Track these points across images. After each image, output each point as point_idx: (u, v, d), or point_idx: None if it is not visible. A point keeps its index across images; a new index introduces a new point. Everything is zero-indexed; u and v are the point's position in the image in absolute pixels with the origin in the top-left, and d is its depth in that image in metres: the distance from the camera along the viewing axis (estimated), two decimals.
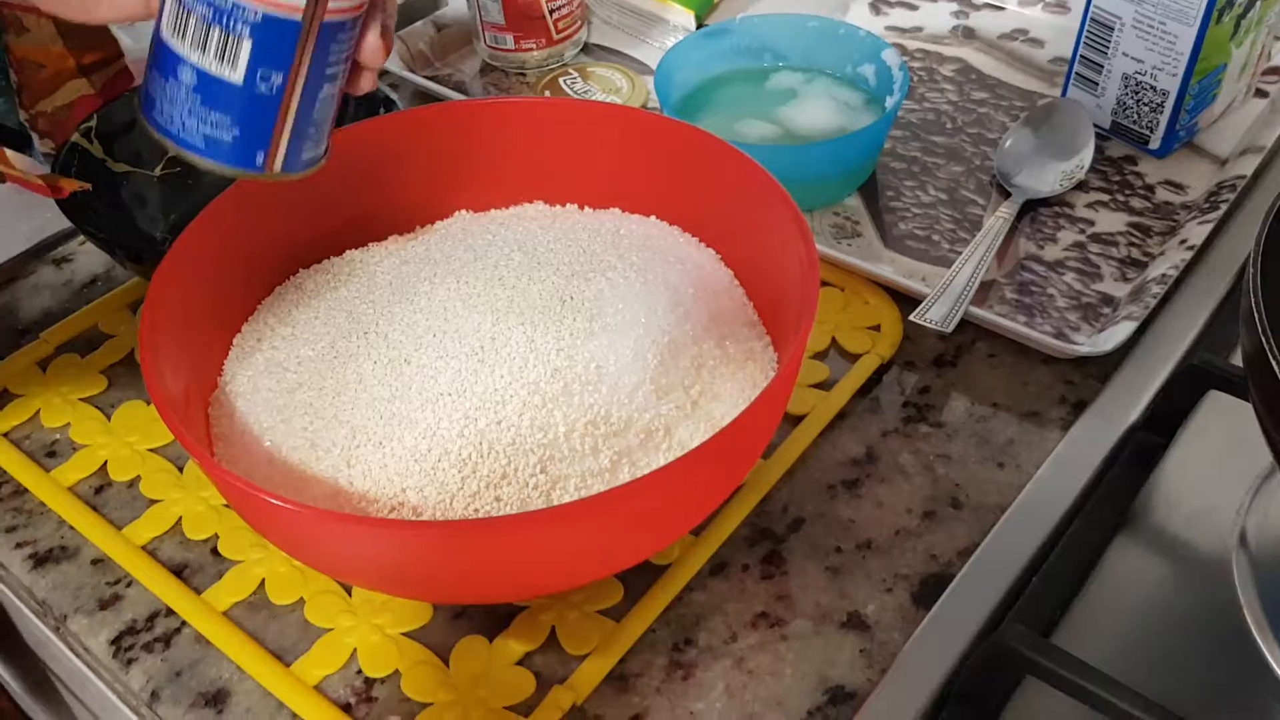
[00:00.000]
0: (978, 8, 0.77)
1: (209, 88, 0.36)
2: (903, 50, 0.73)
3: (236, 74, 0.36)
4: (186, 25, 0.35)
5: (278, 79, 0.36)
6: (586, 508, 0.37)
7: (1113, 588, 0.45)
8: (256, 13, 0.34)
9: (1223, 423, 0.50)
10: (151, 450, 0.52)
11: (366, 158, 0.53)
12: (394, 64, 0.72)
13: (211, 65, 0.36)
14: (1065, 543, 0.46)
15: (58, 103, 0.60)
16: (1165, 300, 0.55)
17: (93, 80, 0.61)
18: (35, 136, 0.59)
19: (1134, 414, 0.51)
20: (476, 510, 0.41)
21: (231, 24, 0.35)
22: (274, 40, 0.35)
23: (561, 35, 0.73)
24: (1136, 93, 0.63)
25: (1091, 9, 0.63)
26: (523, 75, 0.74)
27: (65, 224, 0.57)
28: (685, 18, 0.76)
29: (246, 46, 0.35)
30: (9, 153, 0.49)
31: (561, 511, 0.38)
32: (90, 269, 0.62)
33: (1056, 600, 0.44)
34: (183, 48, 0.36)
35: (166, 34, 0.36)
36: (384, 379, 0.45)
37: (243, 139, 0.38)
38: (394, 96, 0.60)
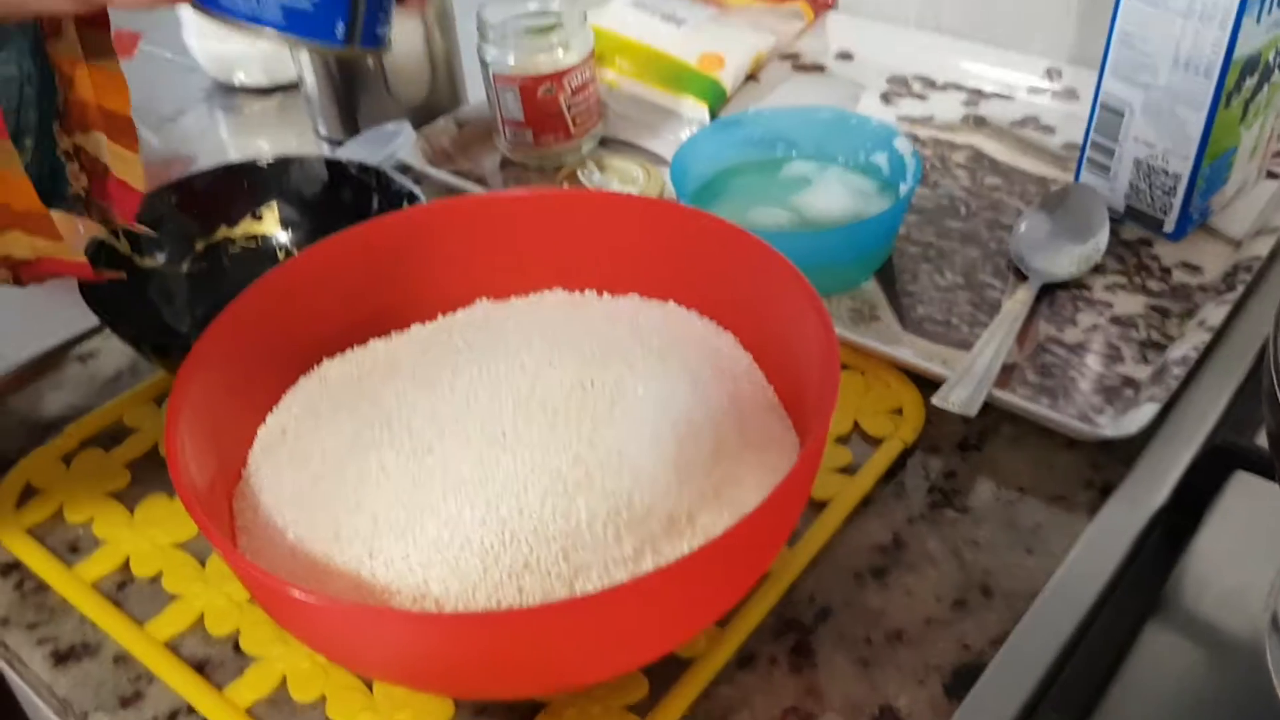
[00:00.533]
0: (987, 96, 0.79)
1: None
2: (914, 139, 0.74)
3: None
4: None
5: None
6: (611, 598, 0.37)
7: (1146, 673, 0.44)
8: None
9: (1250, 503, 0.49)
10: (175, 545, 0.52)
11: (391, 249, 0.54)
12: (417, 160, 0.74)
13: None
14: (1097, 629, 0.45)
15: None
16: (1187, 381, 0.55)
17: None
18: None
19: (1161, 496, 0.50)
20: (499, 600, 0.41)
21: None
22: None
23: (579, 130, 0.75)
24: (1149, 177, 0.64)
25: (1101, 95, 0.64)
26: (542, 169, 0.75)
27: (90, 320, 0.58)
28: (699, 110, 0.77)
29: None
30: (55, 215, 0.48)
31: (585, 602, 0.37)
32: (115, 364, 0.63)
33: (1090, 687, 0.43)
34: None
35: None
36: (406, 468, 0.45)
37: (324, 6, 0.37)
38: (417, 191, 0.62)
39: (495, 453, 0.44)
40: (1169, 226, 0.65)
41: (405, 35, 0.75)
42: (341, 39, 0.37)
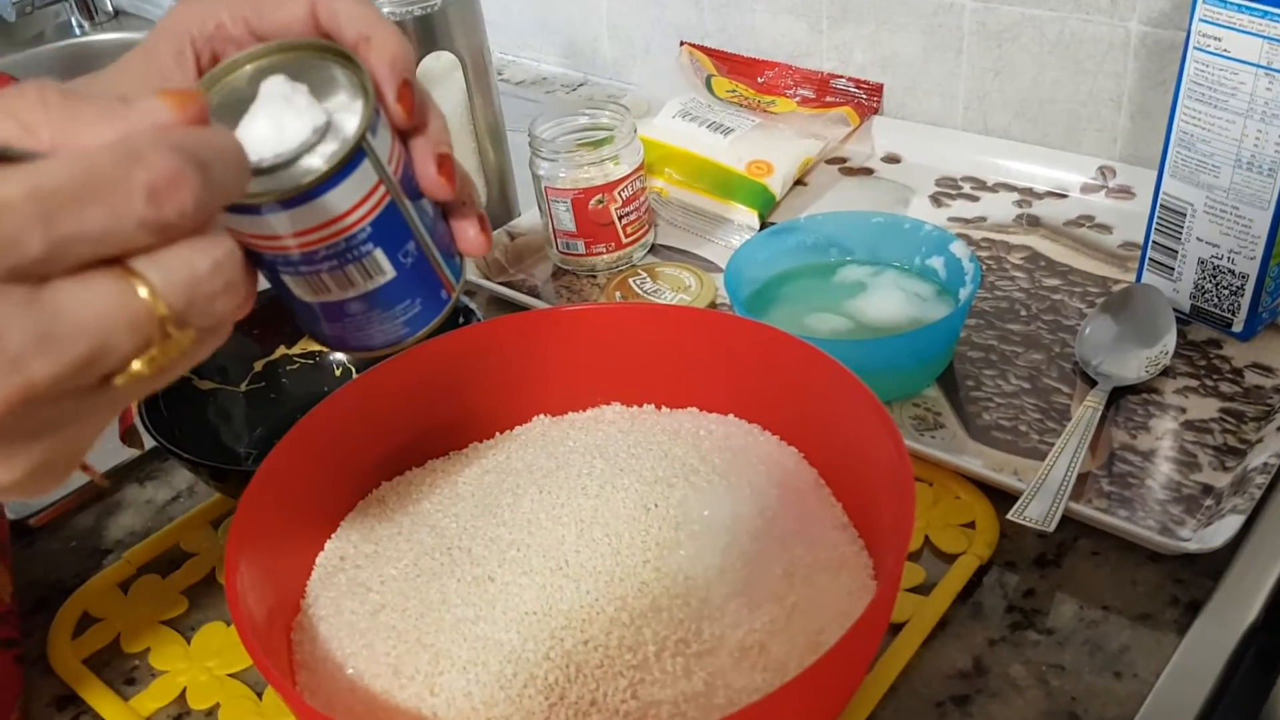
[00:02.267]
0: (1040, 196, 0.78)
1: (377, 298, 0.38)
2: (968, 240, 0.73)
3: (388, 273, 0.37)
4: (323, 283, 0.37)
5: (411, 245, 0.38)
6: None
7: None
8: (364, 229, 0.36)
9: None
10: (231, 675, 0.51)
11: (447, 369, 0.53)
12: (471, 273, 0.74)
13: (367, 286, 0.37)
14: None
15: None
16: (1270, 489, 0.53)
17: None
18: None
19: (1251, 614, 0.48)
20: None
21: (356, 253, 0.36)
22: (388, 229, 0.36)
23: (630, 239, 0.75)
24: (1215, 277, 0.63)
25: (1161, 196, 0.63)
26: (593, 277, 0.75)
27: (149, 442, 0.58)
28: (749, 216, 0.77)
29: (379, 253, 0.37)
30: None
31: None
32: (173, 486, 0.63)
33: None
34: (335, 296, 0.37)
35: (310, 298, 0.38)
36: (468, 598, 0.44)
37: (427, 298, 0.39)
38: (472, 305, 0.62)
39: (559, 581, 0.43)
40: (1238, 326, 0.63)
41: (458, 151, 0.76)
42: (449, 298, 0.41)
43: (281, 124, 0.34)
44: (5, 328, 0.24)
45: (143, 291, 0.26)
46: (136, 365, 0.26)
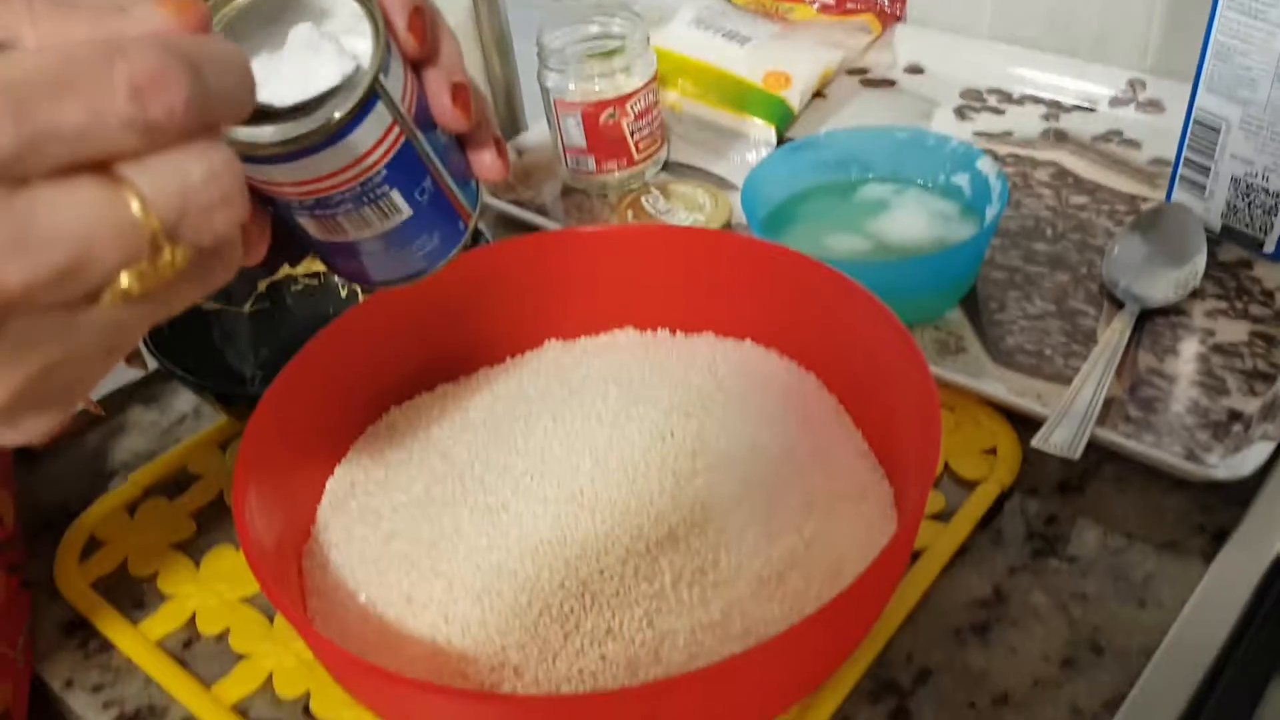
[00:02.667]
0: (1067, 110, 0.75)
1: (394, 237, 0.37)
2: (993, 156, 0.71)
3: (404, 212, 0.36)
4: (339, 225, 0.36)
5: (427, 182, 0.36)
6: (700, 678, 0.34)
7: None
8: (379, 172, 0.34)
9: None
10: (242, 599, 0.50)
11: (455, 292, 0.52)
12: None
13: (384, 226, 0.36)
14: (1220, 688, 0.42)
15: None
16: None
17: None
18: None
19: None
20: (580, 670, 0.39)
21: (372, 195, 0.35)
22: (404, 169, 0.35)
23: (643, 155, 0.73)
24: (1247, 195, 0.60)
25: (1196, 111, 0.61)
26: (604, 196, 0.73)
27: (154, 364, 0.57)
28: (766, 132, 0.75)
29: (395, 194, 0.35)
30: None
31: (672, 684, 0.35)
32: (178, 408, 0.62)
33: None
34: (351, 236, 0.36)
35: (325, 238, 0.37)
36: (481, 527, 0.43)
37: (445, 230, 0.39)
38: (480, 226, 0.60)
39: (573, 511, 0.42)
40: (1269, 246, 0.61)
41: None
42: (466, 228, 0.40)
43: (305, 69, 0.32)
44: None
45: (129, 197, 0.24)
46: (124, 281, 0.24)
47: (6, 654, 0.48)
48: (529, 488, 0.43)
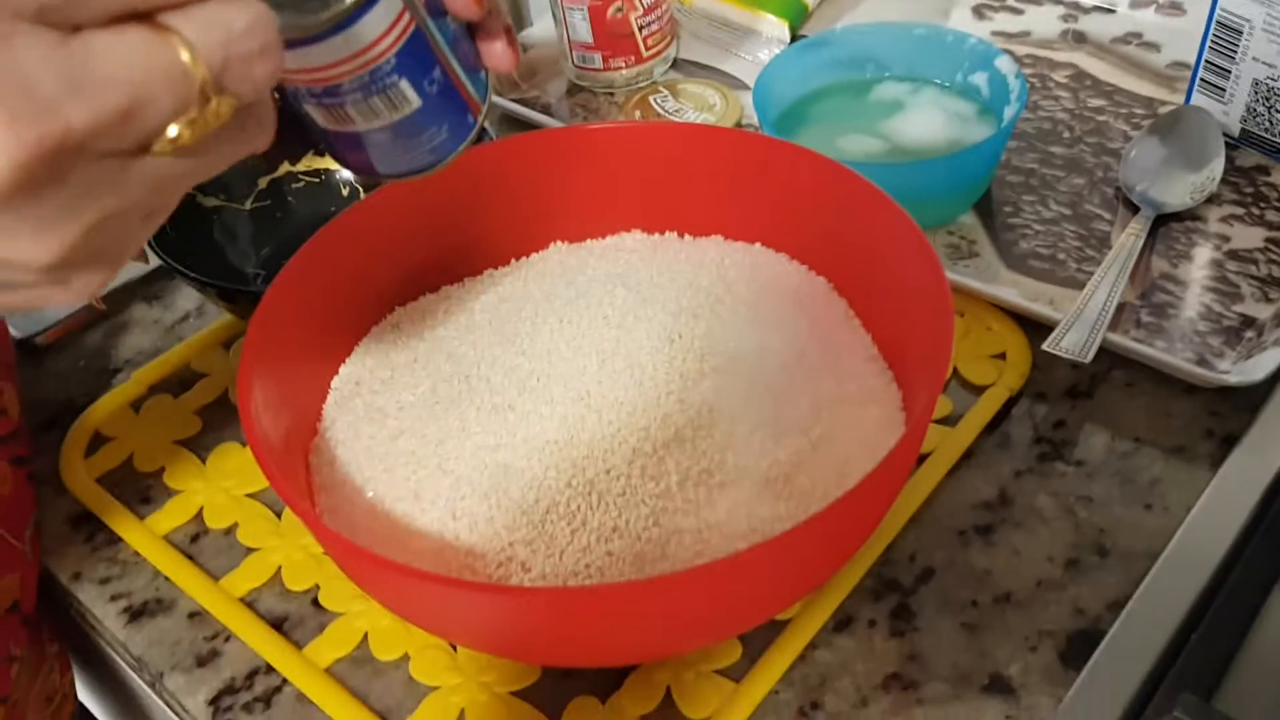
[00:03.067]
0: (1086, 10, 0.73)
1: (403, 128, 0.36)
2: (1011, 56, 0.69)
3: (414, 103, 0.35)
4: (347, 115, 0.35)
5: (437, 72, 0.36)
6: (707, 573, 0.34)
7: (1277, 641, 0.41)
8: (388, 60, 0.34)
9: None
10: (249, 495, 0.50)
11: (458, 190, 0.51)
12: None
13: (393, 117, 0.36)
14: (1224, 593, 0.42)
15: None
16: None
17: None
18: None
19: None
20: (588, 565, 0.39)
21: (381, 84, 0.34)
22: (414, 58, 0.34)
23: (651, 52, 0.71)
24: (1268, 100, 0.59)
25: (1217, 12, 0.59)
26: (611, 94, 0.72)
27: (156, 261, 0.57)
28: (779, 29, 0.73)
29: (404, 83, 0.35)
30: None
31: (679, 579, 0.35)
32: (182, 306, 0.61)
33: (1218, 658, 0.41)
34: (359, 127, 0.36)
35: (333, 128, 0.36)
36: (488, 426, 0.42)
37: (454, 123, 0.38)
38: (485, 125, 0.58)
39: (580, 411, 0.42)
40: None
41: None
42: (476, 121, 0.39)
43: None
44: (37, 70, 0.22)
45: (178, 45, 0.24)
46: (176, 128, 0.25)
47: (15, 546, 0.48)
48: (535, 388, 0.43)
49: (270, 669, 0.44)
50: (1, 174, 0.22)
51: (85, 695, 0.62)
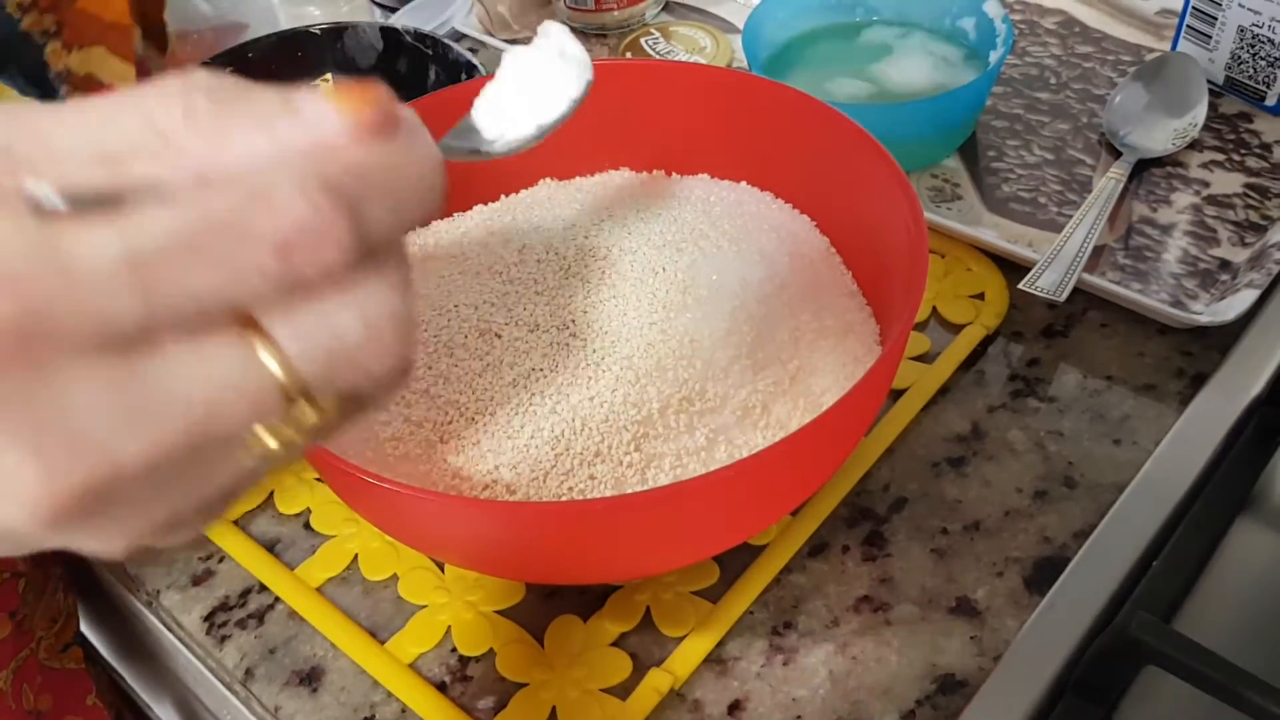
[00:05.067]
0: None
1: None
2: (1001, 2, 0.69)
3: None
4: None
5: None
6: (685, 490, 0.36)
7: (1236, 570, 0.43)
8: None
9: None
10: None
11: (449, 126, 0.51)
12: (473, 28, 0.71)
13: None
14: (1186, 524, 0.44)
15: (91, 66, 0.46)
16: None
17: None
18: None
19: (1256, 387, 0.48)
20: (570, 488, 0.40)
21: None
22: None
23: None
24: (1253, 46, 0.60)
25: None
26: (603, 36, 0.72)
27: None
28: None
29: None
30: None
31: (659, 495, 0.37)
32: None
33: (1178, 584, 0.42)
34: None
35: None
36: (474, 352, 0.44)
37: None
38: (476, 61, 0.59)
39: (565, 339, 0.43)
40: (1271, 99, 0.61)
41: None
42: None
43: (549, 86, 0.31)
44: (84, 408, 0.19)
45: (267, 357, 0.20)
46: (266, 441, 0.21)
47: None
48: (521, 317, 0.44)
49: (263, 588, 0.46)
50: (31, 518, 0.19)
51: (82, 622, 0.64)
